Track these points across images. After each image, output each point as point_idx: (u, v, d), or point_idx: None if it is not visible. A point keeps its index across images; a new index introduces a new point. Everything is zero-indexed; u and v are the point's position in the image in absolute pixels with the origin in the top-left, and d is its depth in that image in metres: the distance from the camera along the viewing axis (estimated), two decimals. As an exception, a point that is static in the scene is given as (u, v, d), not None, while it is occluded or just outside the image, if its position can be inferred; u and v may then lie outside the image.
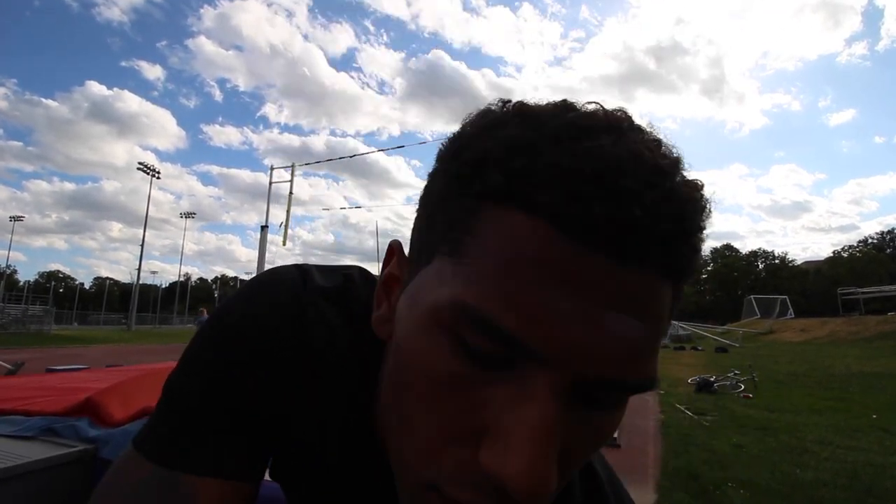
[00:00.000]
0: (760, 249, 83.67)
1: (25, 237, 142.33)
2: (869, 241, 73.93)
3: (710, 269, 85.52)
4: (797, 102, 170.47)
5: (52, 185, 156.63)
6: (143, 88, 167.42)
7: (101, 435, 1.51)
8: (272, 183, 24.85)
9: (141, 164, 43.41)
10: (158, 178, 45.16)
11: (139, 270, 42.95)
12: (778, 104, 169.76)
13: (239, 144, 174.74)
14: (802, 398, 7.69)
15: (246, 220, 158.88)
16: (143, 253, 43.49)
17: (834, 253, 76.15)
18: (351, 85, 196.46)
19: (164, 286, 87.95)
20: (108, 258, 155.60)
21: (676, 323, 30.75)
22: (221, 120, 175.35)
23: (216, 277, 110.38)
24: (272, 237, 22.80)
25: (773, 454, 4.46)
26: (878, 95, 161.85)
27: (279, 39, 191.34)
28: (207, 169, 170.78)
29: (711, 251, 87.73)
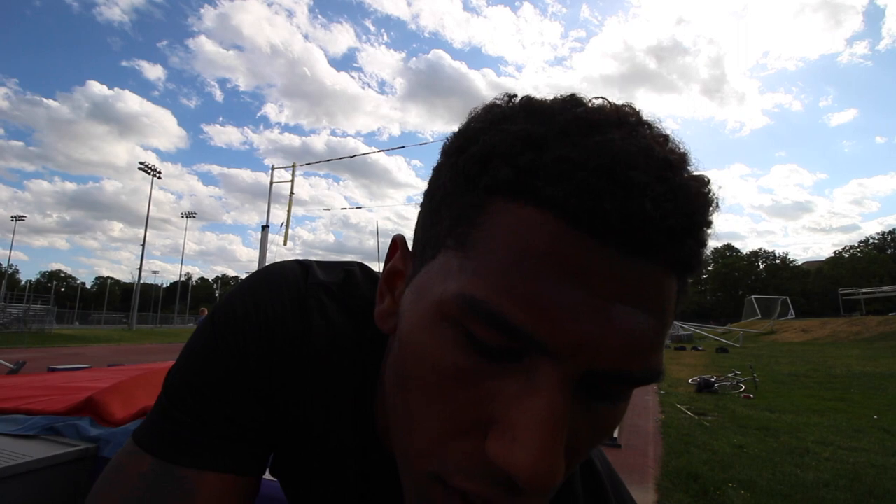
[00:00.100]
0: (761, 249, 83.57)
1: (27, 237, 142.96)
2: (870, 241, 73.79)
3: (711, 269, 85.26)
4: (798, 102, 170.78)
5: (53, 184, 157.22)
6: (143, 88, 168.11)
7: (102, 434, 1.51)
8: (273, 183, 24.85)
9: (142, 163, 43.42)
10: (160, 177, 45.17)
11: (140, 270, 42.96)
12: (779, 104, 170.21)
13: (239, 144, 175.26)
14: (803, 399, 7.68)
15: (247, 219, 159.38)
16: (144, 253, 43.55)
17: (835, 253, 76.12)
18: (351, 85, 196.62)
19: (165, 286, 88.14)
20: (109, 258, 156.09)
21: (677, 323, 30.71)
22: (222, 120, 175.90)
23: (217, 277, 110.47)
24: (273, 237, 22.78)
25: (773, 455, 4.45)
26: (879, 95, 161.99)
27: (280, 39, 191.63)
28: (208, 169, 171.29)
29: (713, 251, 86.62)
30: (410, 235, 0.38)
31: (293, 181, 23.84)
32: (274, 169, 25.31)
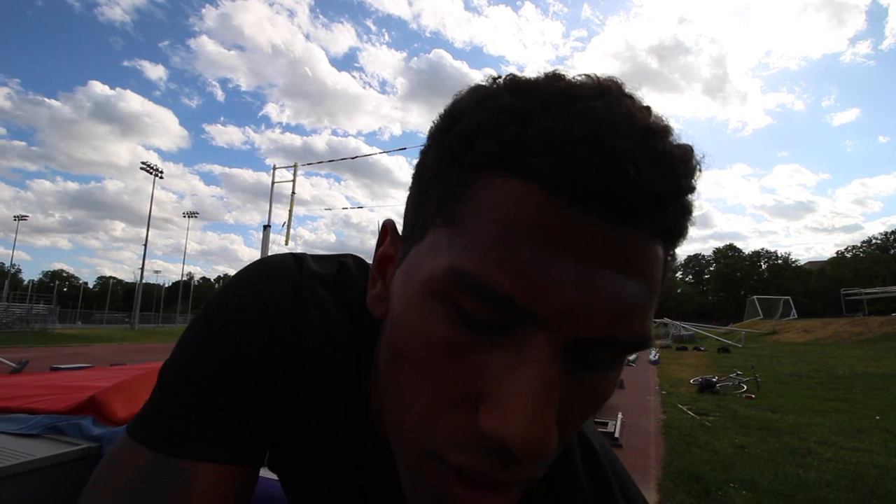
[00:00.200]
0: (763, 250, 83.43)
1: (29, 236, 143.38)
2: (873, 241, 73.57)
3: (712, 269, 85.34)
4: (800, 102, 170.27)
5: (55, 184, 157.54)
6: (145, 88, 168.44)
7: (105, 433, 1.52)
8: (274, 182, 24.88)
9: (144, 163, 43.48)
10: (161, 177, 45.22)
11: (142, 270, 43.03)
12: (781, 103, 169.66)
13: (241, 144, 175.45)
14: (805, 399, 7.66)
15: (248, 219, 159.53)
16: (146, 252, 43.67)
17: (837, 253, 75.99)
18: (352, 84, 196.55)
19: (167, 285, 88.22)
20: (111, 257, 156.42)
21: (679, 323, 30.71)
22: (223, 120, 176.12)
23: (219, 277, 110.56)
24: (275, 237, 22.81)
25: (775, 455, 4.44)
26: (882, 95, 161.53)
27: (281, 39, 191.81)
28: (210, 168, 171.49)
29: (714, 251, 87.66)
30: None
31: (294, 181, 23.88)
32: (275, 169, 25.35)
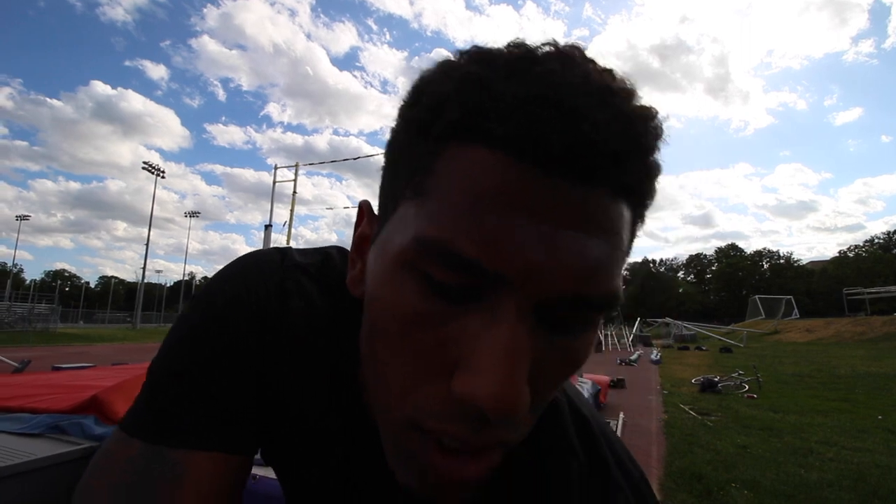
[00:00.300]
0: (765, 249, 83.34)
1: (31, 236, 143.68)
2: (875, 240, 73.37)
3: (714, 269, 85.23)
4: (803, 101, 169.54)
5: (57, 184, 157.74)
6: (147, 88, 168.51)
7: (107, 432, 1.52)
8: (276, 182, 24.91)
9: (146, 163, 43.59)
10: (163, 177, 45.33)
11: (144, 269, 43.12)
12: (783, 103, 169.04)
13: (242, 144, 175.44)
14: (807, 399, 7.65)
15: (249, 219, 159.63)
16: (147, 252, 43.71)
17: (840, 253, 75.78)
18: (354, 84, 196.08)
19: (168, 285, 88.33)
20: (113, 257, 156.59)
21: (681, 323, 30.68)
22: (225, 119, 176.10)
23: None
24: (276, 236, 22.82)
25: (777, 455, 4.44)
26: (884, 94, 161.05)
27: (282, 38, 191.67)
28: (211, 168, 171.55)
29: (716, 251, 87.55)
30: None
31: (296, 180, 23.92)
32: (277, 168, 25.38)
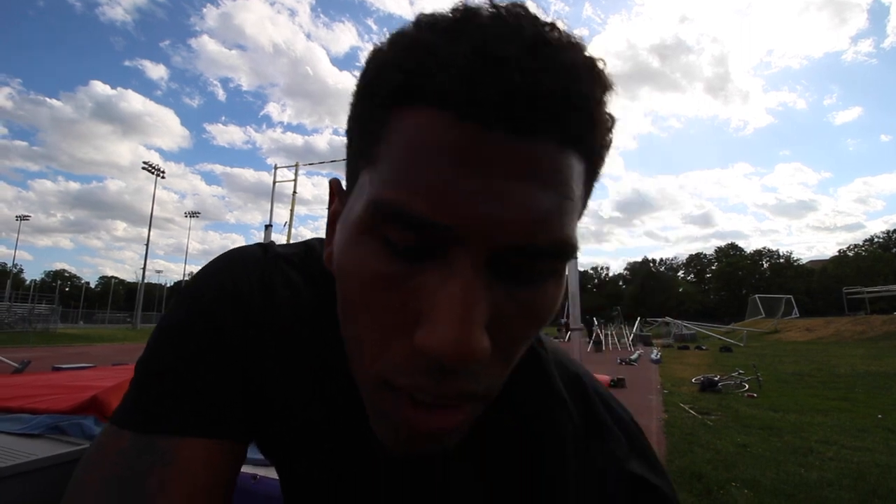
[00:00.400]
0: (765, 248, 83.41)
1: (31, 236, 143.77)
2: (875, 240, 73.43)
3: (714, 268, 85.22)
4: (802, 101, 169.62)
5: (57, 184, 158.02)
6: (146, 88, 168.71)
7: (106, 433, 1.52)
8: (276, 182, 24.88)
9: (146, 163, 43.57)
10: (163, 177, 45.30)
11: (144, 269, 43.09)
12: (783, 102, 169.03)
13: (242, 144, 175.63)
14: (807, 398, 7.64)
15: (249, 219, 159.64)
16: (147, 252, 43.67)
17: (839, 252, 75.78)
18: (354, 84, 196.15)
19: (168, 285, 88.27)
20: (113, 257, 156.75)
21: (681, 322, 30.64)
22: (225, 119, 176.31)
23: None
24: (276, 236, 22.76)
25: (777, 454, 4.43)
26: (884, 93, 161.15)
27: (282, 38, 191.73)
28: (211, 168, 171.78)
29: (716, 250, 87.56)
30: None
31: (296, 180, 23.84)
32: (277, 168, 25.32)
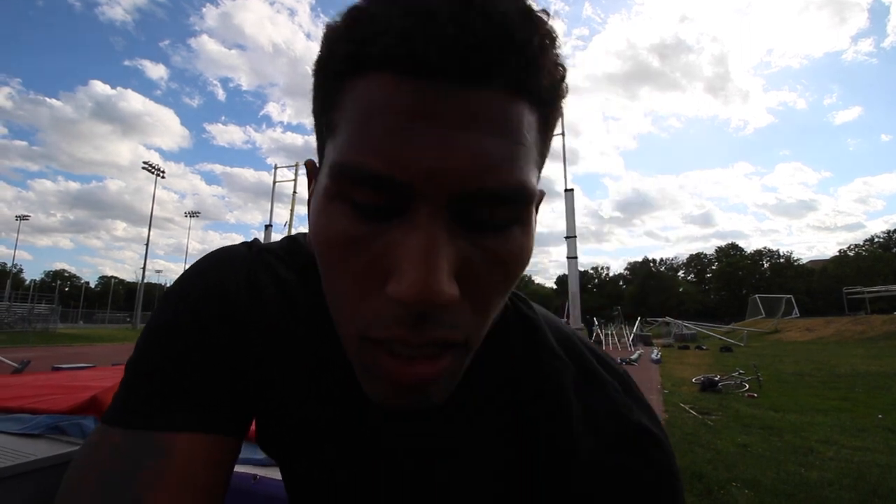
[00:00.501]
0: (765, 248, 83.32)
1: (31, 236, 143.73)
2: (875, 239, 73.37)
3: (714, 268, 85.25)
4: (802, 100, 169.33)
5: (56, 184, 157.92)
6: (146, 87, 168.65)
7: (106, 433, 1.52)
8: (276, 182, 24.91)
9: (146, 163, 43.53)
10: (163, 177, 45.28)
11: (144, 269, 43.07)
12: (783, 102, 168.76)
13: (242, 143, 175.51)
14: (807, 398, 7.65)
15: (249, 219, 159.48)
16: (147, 252, 43.61)
17: (840, 252, 75.72)
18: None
19: (168, 285, 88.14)
20: (112, 257, 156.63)
21: (681, 322, 30.66)
22: (224, 119, 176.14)
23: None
24: (276, 236, 22.81)
25: (777, 454, 4.44)
26: (884, 93, 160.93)
27: (282, 38, 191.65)
28: (211, 168, 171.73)
29: (716, 250, 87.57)
30: None
31: (296, 180, 23.90)
32: (277, 168, 25.38)
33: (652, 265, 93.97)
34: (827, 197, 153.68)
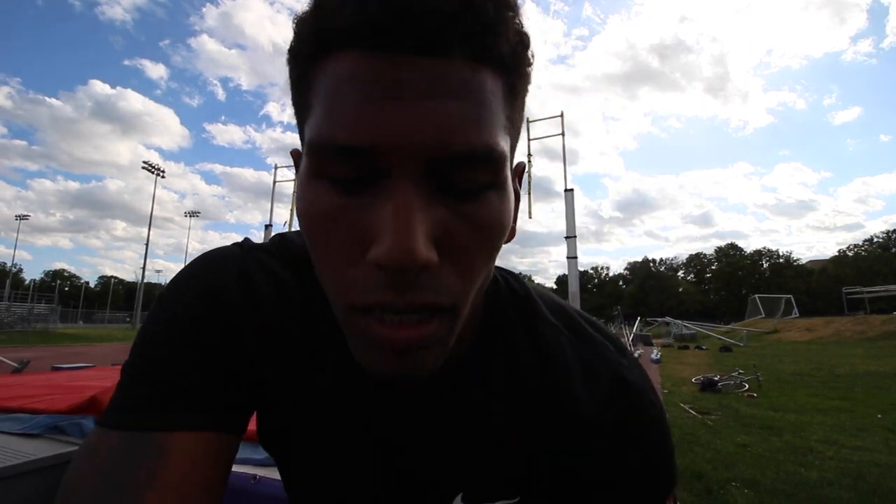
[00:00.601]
0: (765, 248, 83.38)
1: (30, 236, 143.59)
2: (874, 239, 73.41)
3: (714, 268, 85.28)
4: (802, 100, 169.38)
5: (56, 183, 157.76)
6: (146, 87, 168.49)
7: (106, 433, 1.52)
8: (276, 182, 24.89)
9: (145, 162, 43.51)
10: (163, 177, 45.26)
11: (143, 269, 43.04)
12: (783, 102, 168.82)
13: (242, 143, 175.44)
14: (807, 398, 7.65)
15: (249, 218, 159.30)
16: (147, 252, 43.60)
17: (839, 252, 75.76)
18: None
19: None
20: (112, 257, 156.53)
21: (681, 322, 30.68)
22: (224, 119, 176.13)
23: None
24: (276, 236, 22.78)
25: (777, 454, 4.44)
26: (883, 93, 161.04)
27: (282, 38, 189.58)
28: (211, 168, 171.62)
29: (716, 250, 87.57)
30: None
31: (296, 180, 23.85)
32: (277, 168, 25.35)
33: (652, 265, 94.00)
34: (826, 197, 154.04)
